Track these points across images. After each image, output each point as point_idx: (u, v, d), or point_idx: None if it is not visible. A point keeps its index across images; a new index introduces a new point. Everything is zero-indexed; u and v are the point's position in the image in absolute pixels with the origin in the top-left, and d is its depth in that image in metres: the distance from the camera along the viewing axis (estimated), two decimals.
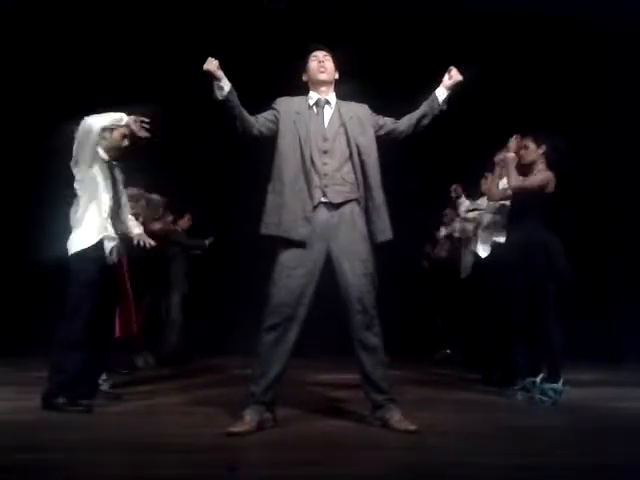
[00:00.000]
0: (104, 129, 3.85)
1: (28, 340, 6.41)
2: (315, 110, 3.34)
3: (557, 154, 4.21)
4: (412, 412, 3.29)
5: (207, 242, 6.78)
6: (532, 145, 4.23)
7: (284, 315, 3.14)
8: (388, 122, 3.42)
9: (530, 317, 4.18)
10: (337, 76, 3.42)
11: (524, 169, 4.25)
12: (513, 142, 4.45)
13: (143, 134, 3.91)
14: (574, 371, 4.87)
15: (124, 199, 4.12)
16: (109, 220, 3.87)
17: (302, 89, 3.45)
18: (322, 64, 3.35)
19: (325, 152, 3.25)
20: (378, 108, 3.44)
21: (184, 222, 6.79)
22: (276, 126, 3.30)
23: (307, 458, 2.66)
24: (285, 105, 3.35)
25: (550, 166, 4.18)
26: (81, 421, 3.46)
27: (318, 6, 6.60)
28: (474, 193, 5.45)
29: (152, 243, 4.22)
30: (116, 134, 3.96)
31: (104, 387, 4.37)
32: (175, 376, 5.50)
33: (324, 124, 3.31)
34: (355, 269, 3.18)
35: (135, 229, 4.21)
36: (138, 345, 5.72)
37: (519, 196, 4.27)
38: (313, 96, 3.37)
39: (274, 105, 3.36)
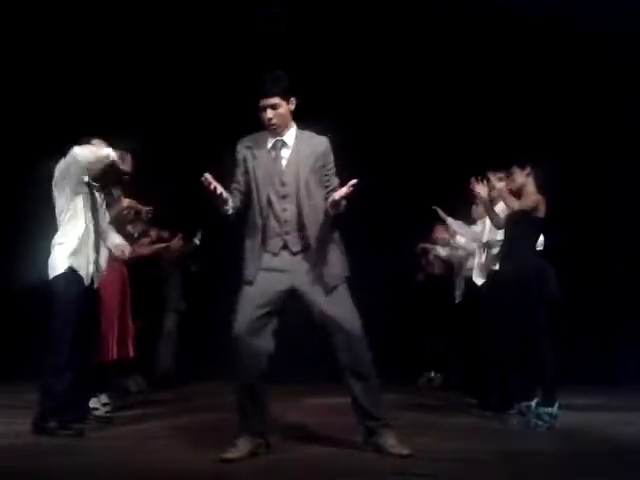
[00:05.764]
0: (90, 163, 3.82)
1: (13, 364, 6.33)
2: (273, 154, 3.19)
3: (543, 178, 4.25)
4: (408, 437, 3.25)
5: (197, 240, 6.66)
6: (517, 170, 4.27)
7: (244, 347, 3.05)
8: (324, 178, 3.22)
9: (523, 342, 4.18)
10: (293, 105, 3.19)
11: (515, 196, 4.28)
12: (493, 179, 4.56)
13: (127, 168, 3.96)
14: (572, 395, 4.84)
15: (105, 223, 4.10)
16: (88, 247, 3.85)
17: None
18: (270, 120, 3.13)
19: (284, 197, 3.14)
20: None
21: (176, 243, 6.66)
22: (248, 177, 3.20)
23: None
24: (244, 150, 3.22)
25: (539, 189, 4.21)
26: (72, 446, 3.41)
27: (315, 27, 6.66)
28: (466, 218, 5.47)
29: (127, 254, 4.25)
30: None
31: (100, 411, 4.32)
32: (167, 400, 5.45)
33: (282, 167, 3.18)
34: (326, 297, 3.11)
35: (115, 239, 4.23)
36: (130, 368, 5.67)
37: (511, 223, 4.30)
38: (270, 138, 3.21)
39: (237, 154, 3.24)
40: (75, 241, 3.81)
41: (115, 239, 4.24)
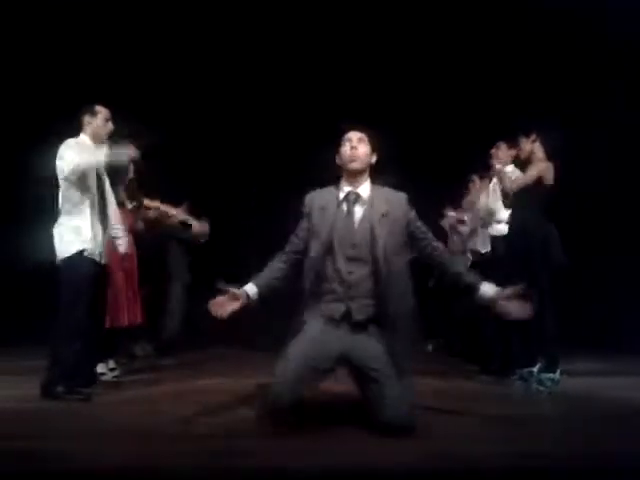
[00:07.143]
0: (85, 170, 3.75)
1: (15, 330, 6.40)
2: (345, 207, 2.96)
3: (549, 145, 4.22)
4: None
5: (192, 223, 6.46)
6: (523, 138, 4.24)
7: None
8: (418, 233, 3.00)
9: None
10: (374, 159, 3.02)
11: (524, 164, 4.26)
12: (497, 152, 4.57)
13: (130, 157, 3.86)
14: (577, 361, 4.86)
15: (111, 197, 4.05)
16: (99, 226, 3.84)
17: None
18: (354, 151, 2.95)
19: (352, 260, 2.88)
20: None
21: (179, 213, 6.63)
22: (309, 234, 2.99)
23: (308, 446, 2.66)
24: (312, 203, 3.01)
25: (547, 156, 4.20)
26: (79, 410, 3.47)
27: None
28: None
29: (123, 250, 4.21)
30: (99, 120, 3.91)
31: (107, 376, 4.40)
32: (173, 365, 5.53)
33: (354, 225, 2.93)
34: (384, 381, 2.81)
35: (114, 232, 4.09)
36: (137, 334, 5.74)
37: (521, 190, 4.29)
38: (344, 188, 3.00)
39: (303, 208, 3.03)
40: (87, 223, 3.79)
41: (115, 231, 4.12)
